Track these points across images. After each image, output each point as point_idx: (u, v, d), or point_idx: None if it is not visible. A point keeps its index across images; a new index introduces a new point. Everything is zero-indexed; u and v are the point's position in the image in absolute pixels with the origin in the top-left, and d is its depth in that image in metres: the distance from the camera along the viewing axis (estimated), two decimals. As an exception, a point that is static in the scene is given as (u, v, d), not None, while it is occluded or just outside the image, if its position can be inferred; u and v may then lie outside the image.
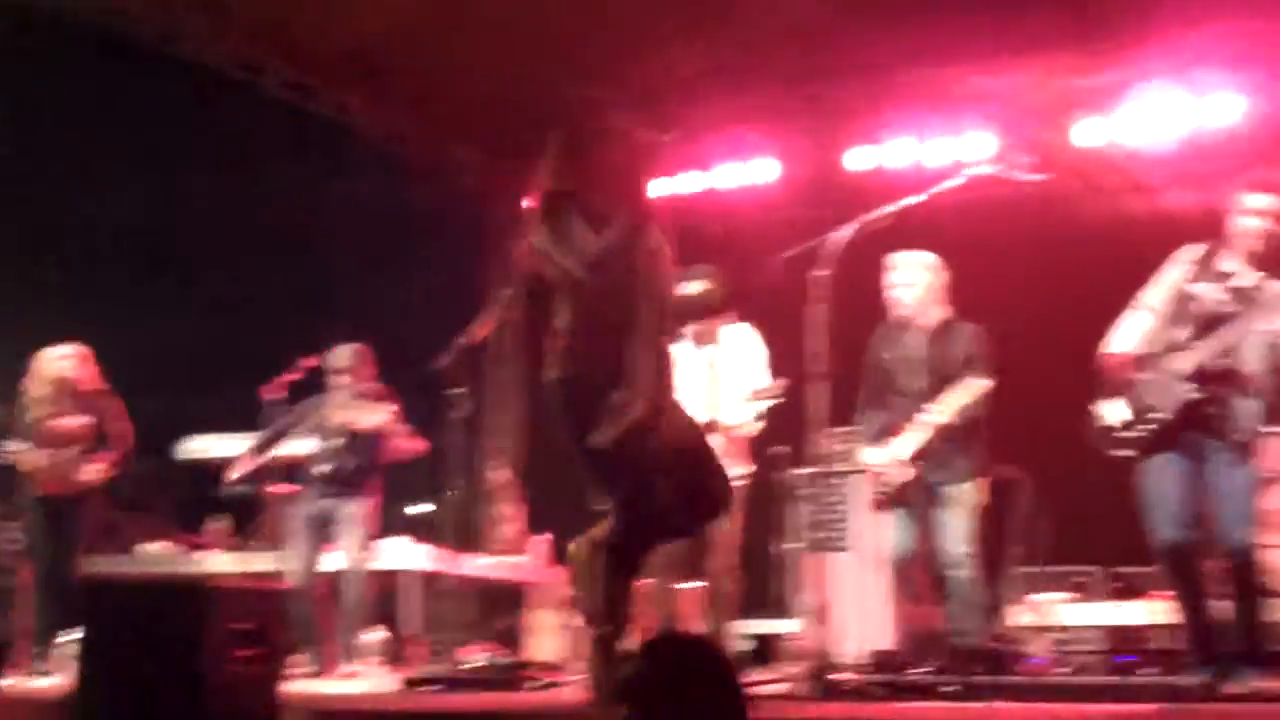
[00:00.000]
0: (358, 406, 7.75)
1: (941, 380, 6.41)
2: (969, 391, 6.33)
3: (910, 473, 6.35)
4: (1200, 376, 5.43)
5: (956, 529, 6.44)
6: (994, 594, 8.31)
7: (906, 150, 9.72)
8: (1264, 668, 5.40)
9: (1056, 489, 8.44)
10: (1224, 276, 5.55)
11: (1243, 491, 5.48)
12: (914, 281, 6.54)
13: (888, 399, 6.56)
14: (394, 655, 7.48)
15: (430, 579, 8.24)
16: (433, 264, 10.28)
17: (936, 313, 6.58)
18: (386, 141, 10.37)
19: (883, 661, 6.06)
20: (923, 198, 5.26)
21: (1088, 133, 9.34)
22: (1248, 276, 5.49)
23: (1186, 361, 5.47)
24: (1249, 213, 5.52)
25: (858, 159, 9.94)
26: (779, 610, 7.91)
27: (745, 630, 8.69)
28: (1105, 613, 7.99)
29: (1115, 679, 5.30)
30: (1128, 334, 5.71)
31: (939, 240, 6.63)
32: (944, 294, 6.62)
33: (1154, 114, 9.06)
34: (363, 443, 7.78)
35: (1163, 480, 5.54)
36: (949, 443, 6.41)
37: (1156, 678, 5.41)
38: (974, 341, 6.50)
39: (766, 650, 8.42)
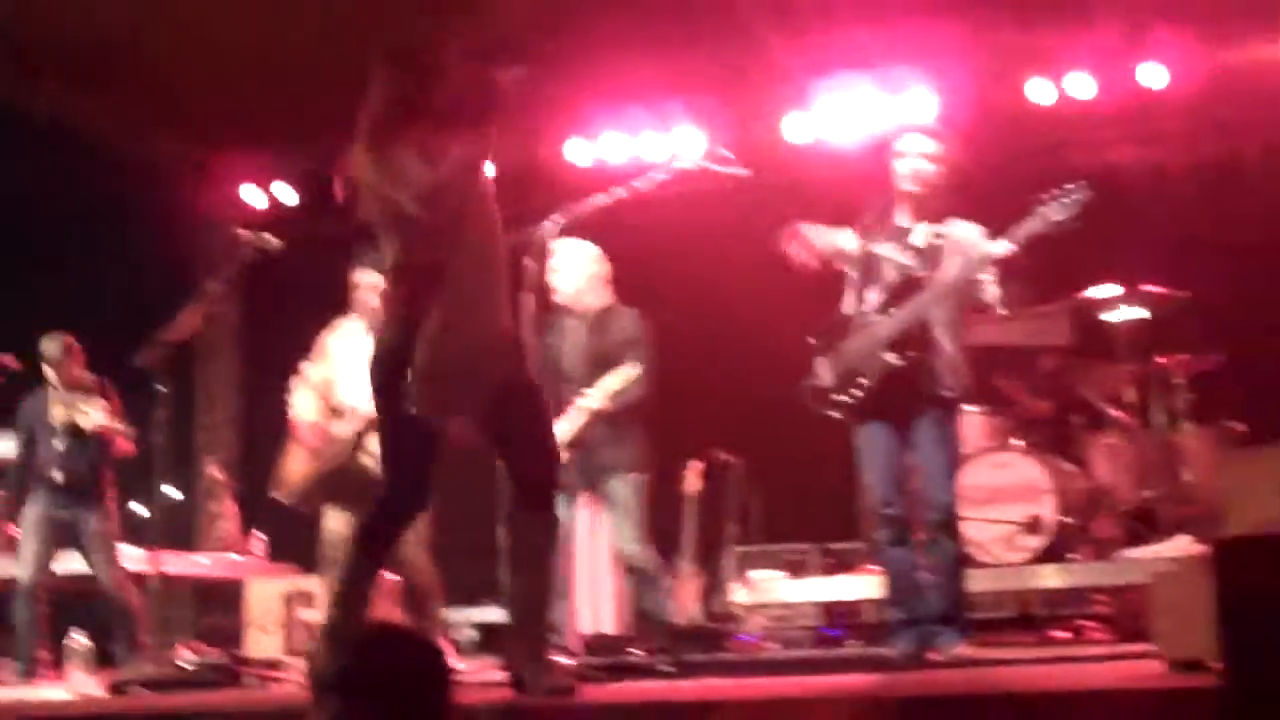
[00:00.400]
0: (76, 403, 7.51)
1: (601, 366, 6.50)
2: (620, 377, 6.43)
3: (563, 457, 6.28)
4: (899, 344, 5.58)
5: (624, 530, 6.50)
6: (712, 574, 8.55)
7: (624, 144, 9.84)
8: (966, 634, 5.59)
9: (768, 469, 8.71)
10: (902, 233, 5.72)
11: (946, 456, 5.65)
12: (572, 270, 6.64)
13: (552, 386, 6.43)
14: (102, 659, 7.26)
15: (141, 580, 8.01)
16: (136, 257, 9.96)
17: (596, 300, 6.69)
18: (86, 130, 9.97)
19: (601, 644, 6.13)
20: (623, 192, 5.31)
21: (795, 129, 9.59)
22: (921, 233, 5.66)
23: (884, 329, 5.61)
24: (901, 155, 5.70)
25: (577, 151, 10.00)
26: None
27: (470, 619, 8.70)
28: (819, 588, 8.21)
29: (822, 652, 5.47)
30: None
31: (649, 232, 6.73)
32: (604, 282, 6.72)
33: (852, 110, 9.35)
34: (90, 442, 7.57)
35: (872, 447, 5.68)
36: (609, 431, 6.49)
37: (862, 649, 5.59)
38: (633, 327, 6.62)
39: (494, 638, 8.44)
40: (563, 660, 5.46)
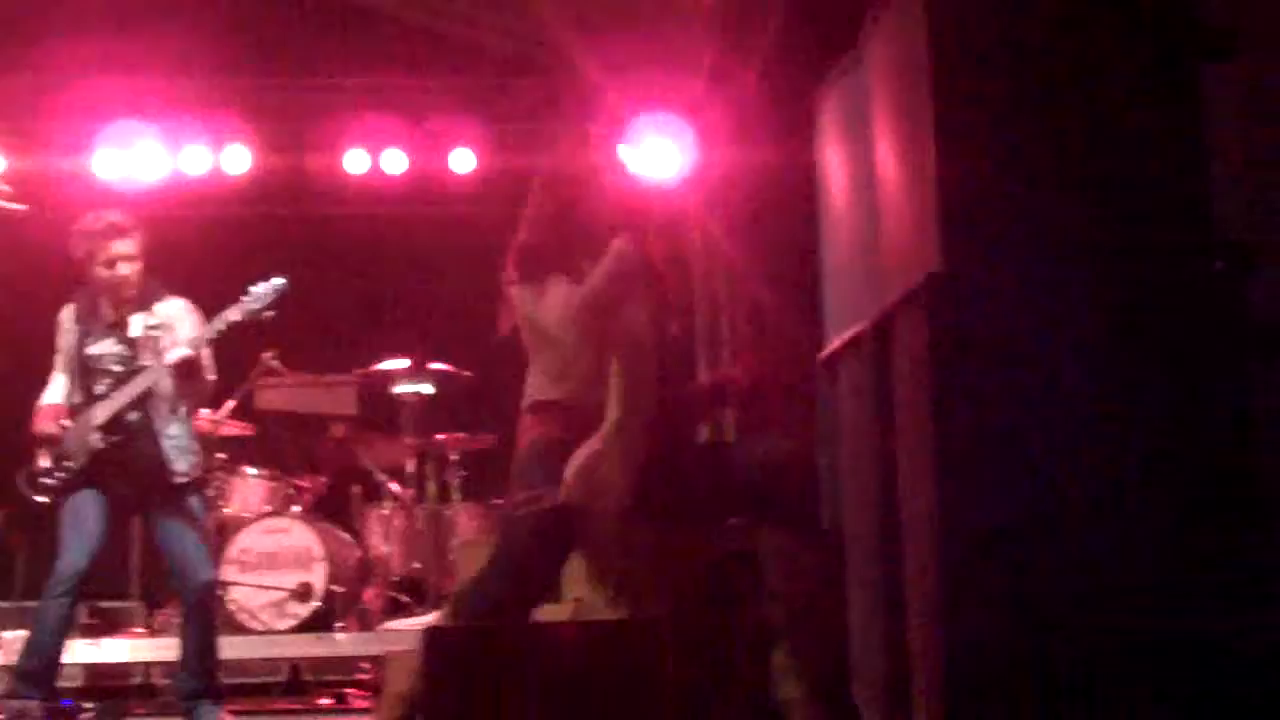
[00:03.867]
0: None
1: None
2: None
3: None
4: (109, 427, 5.78)
5: None
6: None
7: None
8: (219, 702, 5.80)
9: (36, 518, 8.24)
10: (116, 326, 5.90)
11: (196, 535, 5.86)
12: None
13: None
14: None
15: None
16: None
17: None
18: None
19: None
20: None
21: (107, 166, 9.22)
22: (137, 323, 5.85)
23: (98, 413, 5.78)
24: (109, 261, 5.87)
25: None
26: None
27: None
28: (82, 650, 7.83)
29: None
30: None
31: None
32: None
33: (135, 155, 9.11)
34: None
35: (76, 514, 5.83)
36: None
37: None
38: None
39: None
40: None
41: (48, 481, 5.84)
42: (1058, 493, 4.09)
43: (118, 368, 5.79)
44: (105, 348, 5.83)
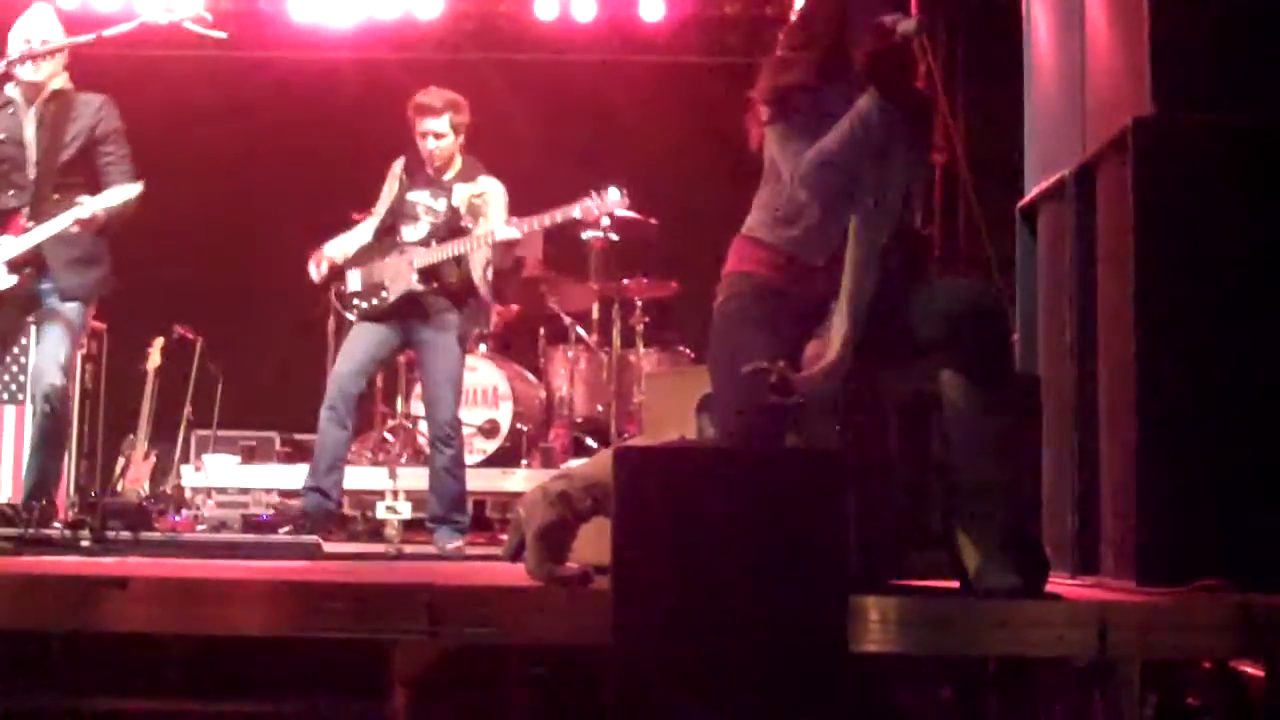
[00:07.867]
0: None
1: (52, 166, 5.43)
2: (120, 195, 5.37)
3: (12, 280, 5.40)
4: (427, 274, 6.08)
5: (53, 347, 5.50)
6: (166, 453, 8.34)
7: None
8: (462, 532, 6.09)
9: (236, 353, 8.53)
10: (440, 188, 6.23)
11: (444, 373, 6.16)
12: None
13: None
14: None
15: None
16: None
17: (57, 82, 5.53)
18: None
19: (17, 514, 5.80)
20: (91, 38, 5.06)
21: (303, 8, 9.34)
22: (459, 192, 6.18)
23: (420, 258, 6.09)
24: (420, 135, 6.17)
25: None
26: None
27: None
28: (271, 475, 8.12)
29: (251, 537, 5.45)
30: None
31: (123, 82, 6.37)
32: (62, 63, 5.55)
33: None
34: None
35: (356, 340, 6.17)
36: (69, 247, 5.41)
37: (283, 536, 5.64)
38: (106, 115, 5.51)
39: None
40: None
41: (362, 305, 6.18)
42: (1260, 345, 3.98)
43: (429, 218, 6.15)
44: (422, 197, 6.19)
